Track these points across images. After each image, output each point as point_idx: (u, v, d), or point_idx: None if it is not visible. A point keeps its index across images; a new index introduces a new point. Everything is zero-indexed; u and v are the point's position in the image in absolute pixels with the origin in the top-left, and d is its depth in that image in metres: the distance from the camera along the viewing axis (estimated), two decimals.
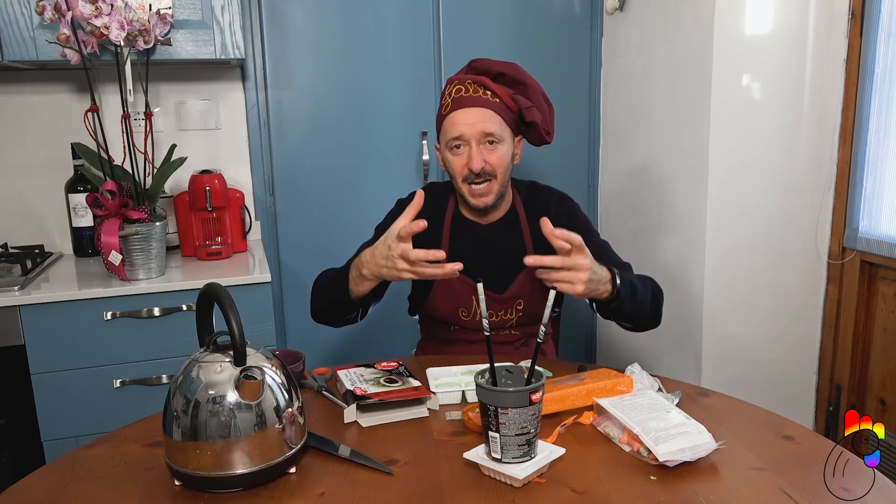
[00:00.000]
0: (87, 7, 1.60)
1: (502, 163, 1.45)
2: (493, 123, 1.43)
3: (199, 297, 0.98)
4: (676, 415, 1.04)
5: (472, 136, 1.42)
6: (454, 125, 1.44)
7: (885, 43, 1.83)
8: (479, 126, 1.42)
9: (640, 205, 2.32)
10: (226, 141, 2.25)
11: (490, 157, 1.43)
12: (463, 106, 1.43)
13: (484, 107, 1.43)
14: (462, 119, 1.43)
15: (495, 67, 1.47)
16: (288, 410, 0.95)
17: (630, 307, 1.32)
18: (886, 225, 1.87)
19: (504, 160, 1.45)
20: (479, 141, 1.43)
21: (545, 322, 1.01)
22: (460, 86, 1.45)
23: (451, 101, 1.45)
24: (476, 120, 1.42)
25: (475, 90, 1.44)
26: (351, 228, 2.36)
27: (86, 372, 1.71)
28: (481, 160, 1.42)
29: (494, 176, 1.45)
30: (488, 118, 1.42)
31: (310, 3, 2.26)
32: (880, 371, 1.93)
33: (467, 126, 1.42)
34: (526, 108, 1.45)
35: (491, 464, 0.95)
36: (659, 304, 1.43)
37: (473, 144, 1.43)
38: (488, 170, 1.44)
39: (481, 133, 1.42)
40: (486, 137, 1.43)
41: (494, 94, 1.44)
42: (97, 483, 0.97)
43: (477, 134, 1.42)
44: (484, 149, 1.43)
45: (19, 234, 2.12)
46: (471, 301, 1.51)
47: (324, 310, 1.47)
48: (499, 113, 1.44)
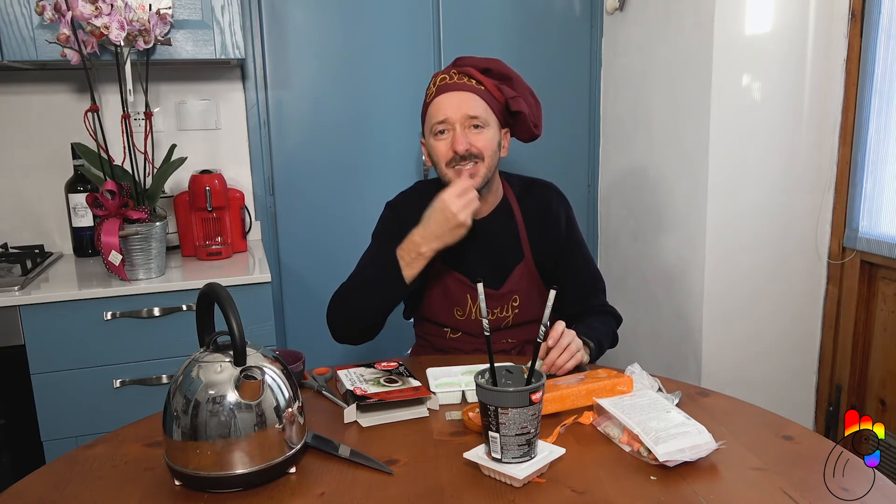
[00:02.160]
0: (87, 7, 1.60)
1: (489, 146, 1.41)
2: (478, 107, 1.41)
3: (199, 297, 0.97)
4: (676, 415, 1.04)
5: (456, 120, 1.40)
6: (438, 108, 1.41)
7: (885, 43, 1.83)
8: (464, 109, 1.39)
9: (639, 205, 2.32)
10: (226, 141, 2.25)
11: (476, 139, 1.41)
12: (447, 91, 1.41)
13: (469, 91, 1.41)
14: (446, 102, 1.40)
15: (480, 63, 1.46)
16: (288, 410, 0.95)
17: (598, 356, 1.44)
18: (886, 225, 1.87)
19: (491, 144, 1.42)
20: (463, 124, 1.40)
21: (545, 322, 1.01)
22: (444, 75, 1.44)
23: (434, 88, 1.43)
24: (461, 103, 1.40)
25: (460, 77, 1.42)
26: (351, 228, 2.37)
27: (86, 372, 1.71)
28: (466, 141, 1.39)
29: (481, 158, 1.41)
30: (473, 101, 1.40)
31: (310, 3, 2.26)
32: (880, 371, 1.94)
33: (452, 109, 1.39)
34: (511, 97, 1.43)
35: (491, 464, 0.95)
36: (616, 336, 1.53)
37: (458, 128, 1.40)
38: (474, 151, 1.40)
39: (466, 116, 1.39)
40: (471, 121, 1.40)
41: (480, 83, 1.42)
42: (97, 483, 0.97)
43: (461, 117, 1.39)
44: (469, 132, 1.40)
45: (19, 234, 2.12)
46: (465, 299, 1.50)
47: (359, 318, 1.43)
48: (484, 99, 1.41)
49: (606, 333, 1.47)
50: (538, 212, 1.53)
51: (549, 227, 1.52)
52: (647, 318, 2.30)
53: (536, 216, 1.52)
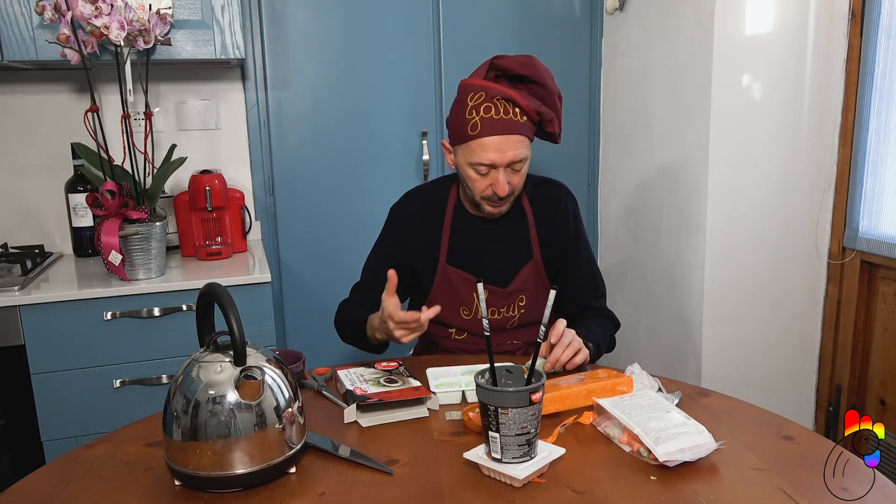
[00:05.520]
0: (87, 7, 1.59)
1: (522, 180, 1.45)
2: (522, 148, 1.40)
3: (199, 297, 0.98)
4: (676, 415, 1.04)
5: (502, 165, 1.40)
6: (485, 151, 1.39)
7: (885, 43, 1.83)
8: (511, 154, 1.39)
9: (639, 205, 2.32)
10: (226, 141, 2.25)
11: (514, 178, 1.42)
12: (494, 132, 1.37)
13: (515, 133, 1.38)
14: (493, 146, 1.38)
15: (516, 68, 1.41)
16: (288, 410, 0.95)
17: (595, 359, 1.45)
18: (886, 225, 1.87)
19: (524, 177, 1.45)
20: (506, 166, 1.41)
21: (545, 322, 1.01)
22: (489, 104, 1.38)
23: (479, 120, 1.38)
24: (508, 148, 1.38)
25: (505, 110, 1.38)
26: (351, 228, 2.37)
27: (86, 372, 1.71)
28: (508, 187, 1.41)
29: (512, 195, 1.45)
30: (519, 145, 1.39)
31: (310, 3, 2.26)
32: (880, 371, 1.94)
33: (498, 155, 1.38)
34: (549, 120, 1.43)
35: (491, 464, 0.95)
36: (614, 340, 1.54)
37: (501, 170, 1.40)
38: (510, 191, 1.43)
39: (511, 160, 1.40)
40: (515, 164, 1.41)
41: (523, 112, 1.39)
42: (97, 483, 0.97)
43: (507, 161, 1.40)
44: (510, 171, 1.42)
45: (19, 234, 2.12)
46: (472, 298, 1.50)
47: (353, 343, 1.54)
48: (527, 134, 1.41)
49: (604, 337, 1.47)
50: (548, 210, 1.54)
51: (557, 225, 1.54)
52: (647, 318, 2.30)
53: (546, 215, 1.54)
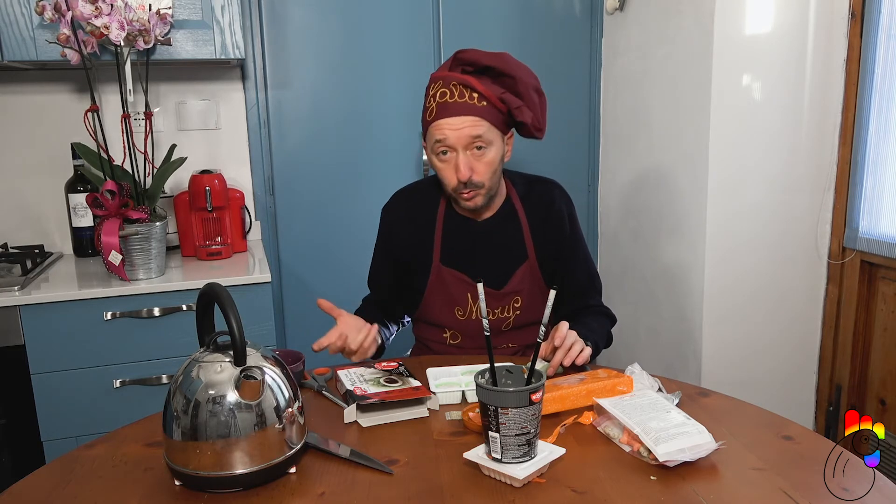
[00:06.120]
0: (87, 7, 1.60)
1: (489, 170, 1.39)
2: (479, 128, 1.36)
3: (199, 297, 0.97)
4: (676, 415, 1.04)
5: (458, 143, 1.37)
6: (440, 130, 1.37)
7: (885, 43, 1.83)
8: (467, 131, 1.36)
9: (640, 205, 2.32)
10: (226, 141, 2.25)
11: (478, 164, 1.38)
12: (448, 113, 1.36)
13: (470, 114, 1.35)
14: (448, 125, 1.36)
15: (482, 60, 1.39)
16: (288, 410, 0.95)
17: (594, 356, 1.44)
18: (886, 225, 1.87)
19: (492, 166, 1.40)
20: (465, 147, 1.37)
21: (545, 322, 1.01)
22: (445, 88, 1.37)
23: (435, 105, 1.38)
24: (463, 126, 1.36)
25: (461, 93, 1.36)
26: (351, 228, 2.37)
27: (86, 372, 1.71)
28: (468, 170, 1.37)
29: (482, 186, 1.40)
30: (475, 123, 1.36)
31: (310, 3, 2.26)
32: (880, 371, 1.94)
33: (454, 133, 1.36)
34: (515, 107, 1.39)
35: (491, 464, 0.95)
36: (611, 336, 1.54)
37: (460, 151, 1.37)
38: (475, 180, 1.39)
39: (468, 138, 1.36)
40: (474, 143, 1.37)
41: (482, 97, 1.36)
42: (97, 483, 0.97)
43: (464, 139, 1.36)
44: (472, 155, 1.38)
45: (19, 234, 2.12)
46: (466, 299, 1.49)
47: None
48: (486, 117, 1.36)
49: (602, 334, 1.48)
50: (541, 211, 1.52)
51: (552, 225, 1.51)
52: (646, 318, 2.30)
53: (540, 215, 1.51)
